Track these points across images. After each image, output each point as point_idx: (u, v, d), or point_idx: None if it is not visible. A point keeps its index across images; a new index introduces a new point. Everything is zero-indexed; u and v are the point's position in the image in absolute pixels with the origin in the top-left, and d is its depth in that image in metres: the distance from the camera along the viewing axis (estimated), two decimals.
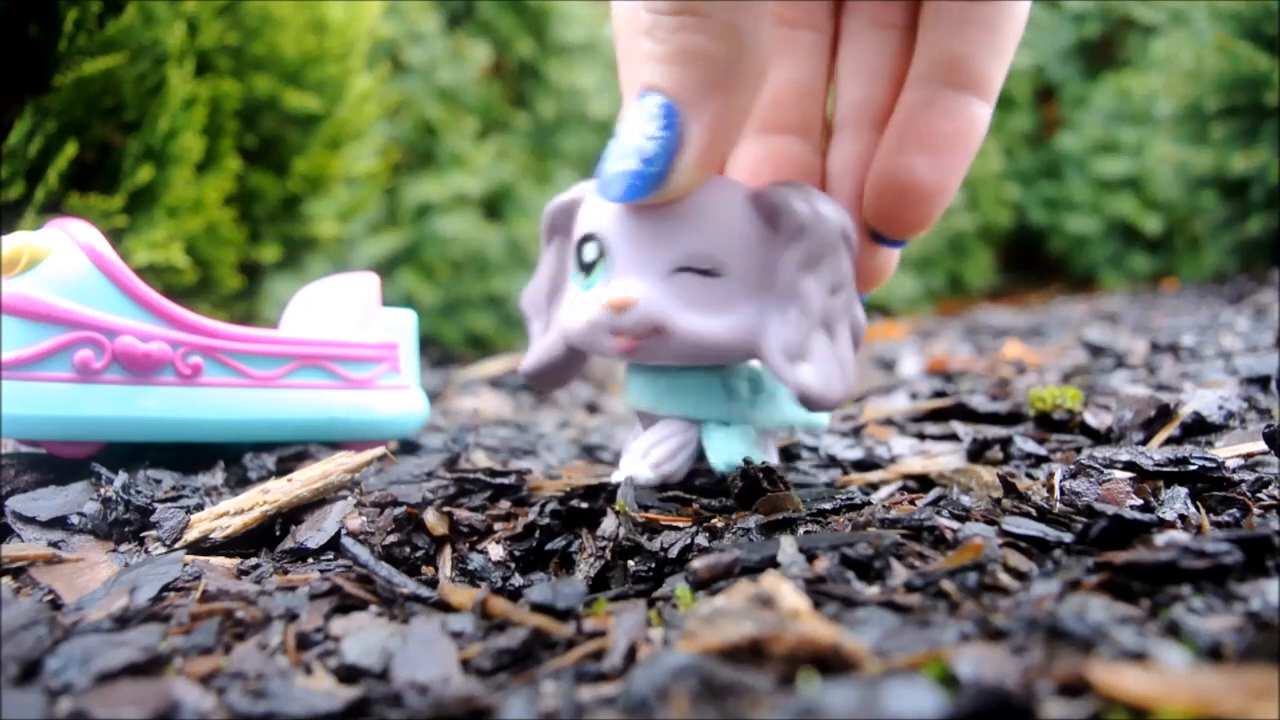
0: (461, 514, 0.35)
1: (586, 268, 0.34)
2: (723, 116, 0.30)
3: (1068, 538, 0.27)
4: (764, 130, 0.37)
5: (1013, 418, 0.50)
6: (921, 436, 0.49)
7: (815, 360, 0.32)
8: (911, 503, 0.35)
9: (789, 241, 0.32)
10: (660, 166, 0.30)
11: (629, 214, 0.33)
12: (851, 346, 0.35)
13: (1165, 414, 0.42)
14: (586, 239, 0.34)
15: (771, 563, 0.27)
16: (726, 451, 0.37)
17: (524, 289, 0.41)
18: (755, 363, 0.38)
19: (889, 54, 0.35)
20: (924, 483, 0.39)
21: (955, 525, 0.30)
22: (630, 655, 0.22)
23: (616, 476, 0.38)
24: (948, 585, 0.24)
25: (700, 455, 0.38)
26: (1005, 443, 0.43)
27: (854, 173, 0.36)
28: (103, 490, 0.34)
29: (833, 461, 0.45)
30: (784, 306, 0.33)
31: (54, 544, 0.31)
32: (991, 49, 0.33)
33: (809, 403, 0.32)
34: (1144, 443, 0.41)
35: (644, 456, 0.37)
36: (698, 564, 0.27)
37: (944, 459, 0.43)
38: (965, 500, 0.34)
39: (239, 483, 0.39)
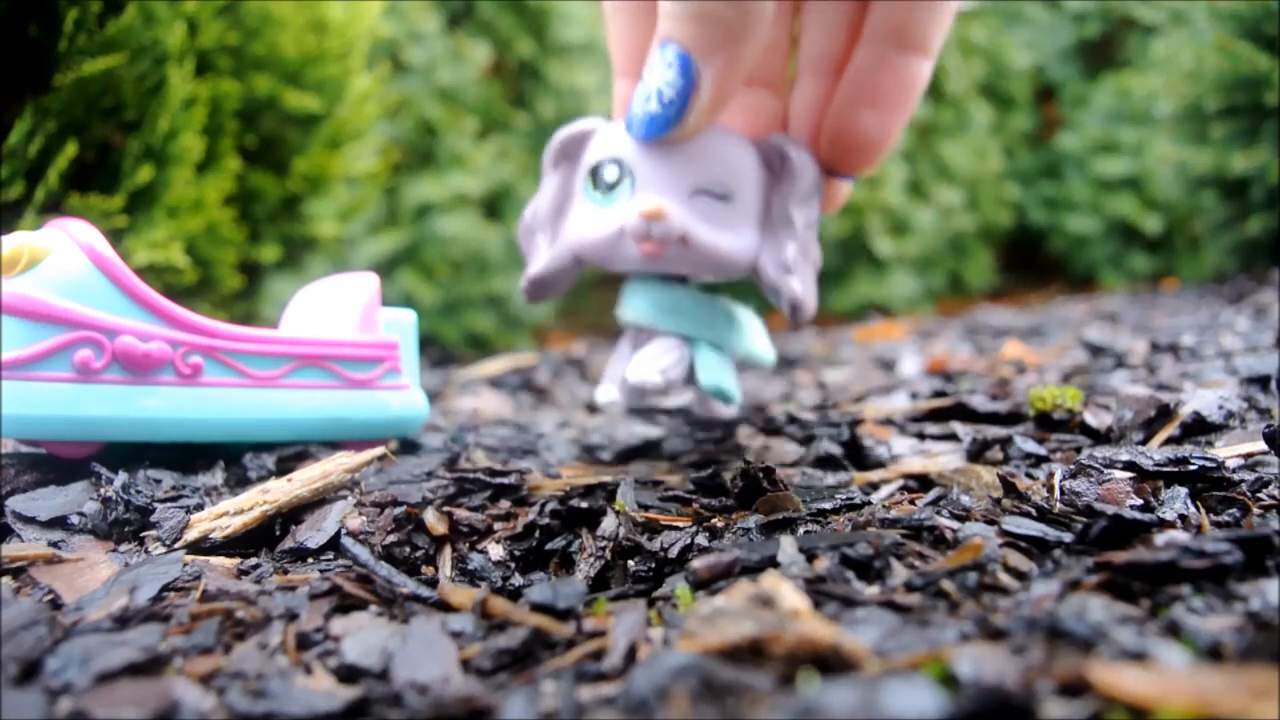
0: (461, 514, 0.35)
1: (608, 186, 0.40)
2: (730, 67, 0.35)
3: (1068, 538, 0.27)
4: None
5: (1013, 418, 0.50)
6: (921, 436, 0.49)
7: (800, 276, 0.40)
8: (911, 503, 0.35)
9: (784, 181, 0.40)
10: (677, 108, 0.36)
11: (653, 145, 0.39)
12: (813, 273, 0.43)
13: (1165, 414, 0.42)
14: (610, 162, 0.40)
15: (771, 563, 0.27)
16: (717, 373, 0.43)
17: (527, 210, 0.45)
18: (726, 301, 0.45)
19: (844, 10, 0.41)
20: (924, 483, 0.39)
21: (955, 525, 0.30)
22: (630, 655, 0.22)
23: (602, 394, 0.44)
24: (948, 585, 0.24)
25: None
26: (1005, 443, 0.43)
27: (812, 115, 0.43)
28: (103, 490, 0.34)
29: (833, 461, 0.45)
30: (776, 232, 0.40)
31: (54, 544, 0.31)
32: (932, 15, 0.39)
33: (795, 307, 0.40)
34: (1144, 443, 0.41)
35: (651, 364, 0.41)
36: (698, 564, 0.27)
37: (944, 459, 0.43)
38: (965, 500, 0.34)
39: (239, 483, 0.39)
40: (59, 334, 0.35)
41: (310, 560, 0.31)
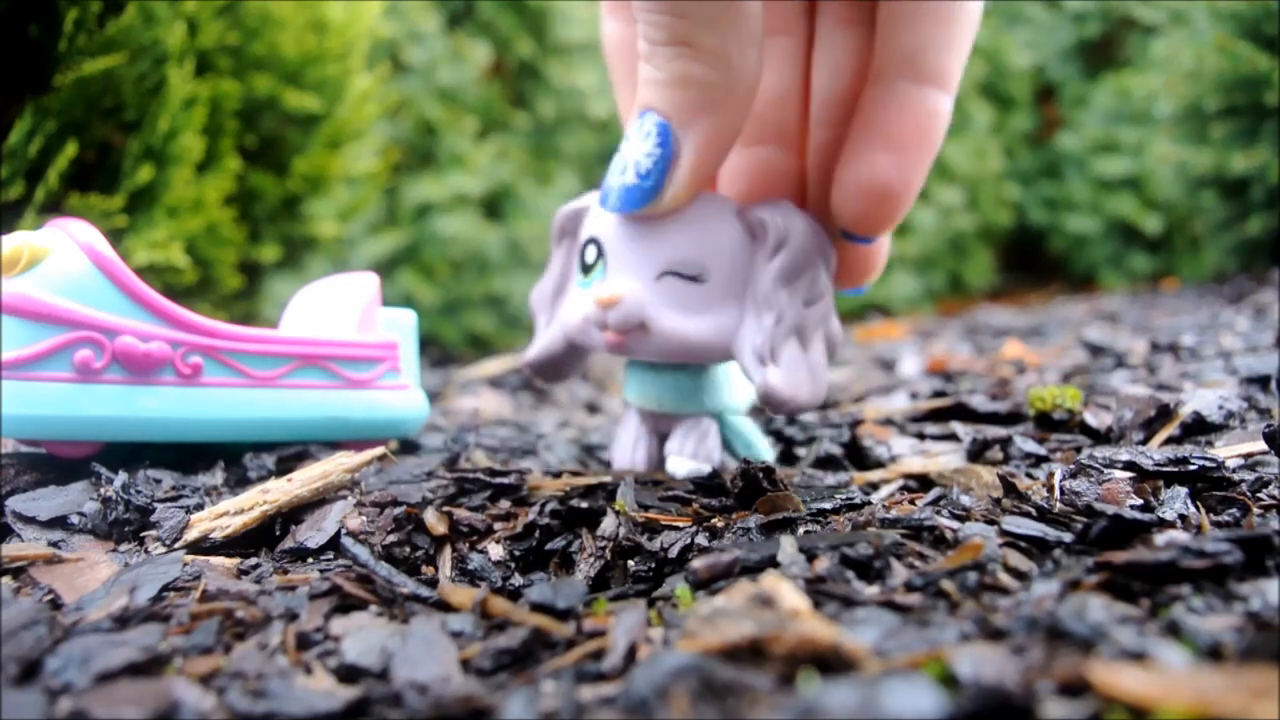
0: (461, 514, 0.35)
1: (587, 269, 0.38)
2: (712, 135, 0.33)
3: (1068, 538, 0.27)
4: (743, 142, 0.39)
5: (1013, 418, 0.50)
6: (921, 436, 0.49)
7: (783, 365, 0.36)
8: (911, 503, 0.35)
9: (770, 255, 0.36)
10: (654, 180, 0.33)
11: (627, 221, 0.36)
12: (825, 355, 0.39)
13: (1165, 414, 0.42)
14: (589, 242, 0.38)
15: (771, 562, 0.27)
16: (750, 444, 0.41)
17: (533, 288, 0.44)
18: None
19: (856, 50, 0.37)
20: (924, 483, 0.39)
21: (955, 525, 0.30)
22: (630, 655, 0.22)
23: (674, 467, 0.40)
24: (948, 585, 0.24)
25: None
26: (1005, 443, 0.43)
27: (826, 171, 0.38)
28: (103, 490, 0.34)
29: (834, 461, 0.45)
30: (760, 313, 0.36)
31: (54, 544, 0.31)
32: (946, 41, 0.34)
33: (772, 403, 0.36)
34: (1144, 442, 0.41)
35: (694, 456, 0.40)
36: (698, 564, 0.27)
37: (944, 459, 0.43)
38: (965, 500, 0.34)
39: (239, 483, 0.39)
40: (59, 334, 0.35)
41: (310, 560, 0.31)
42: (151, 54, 0.66)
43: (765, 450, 0.43)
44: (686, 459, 0.39)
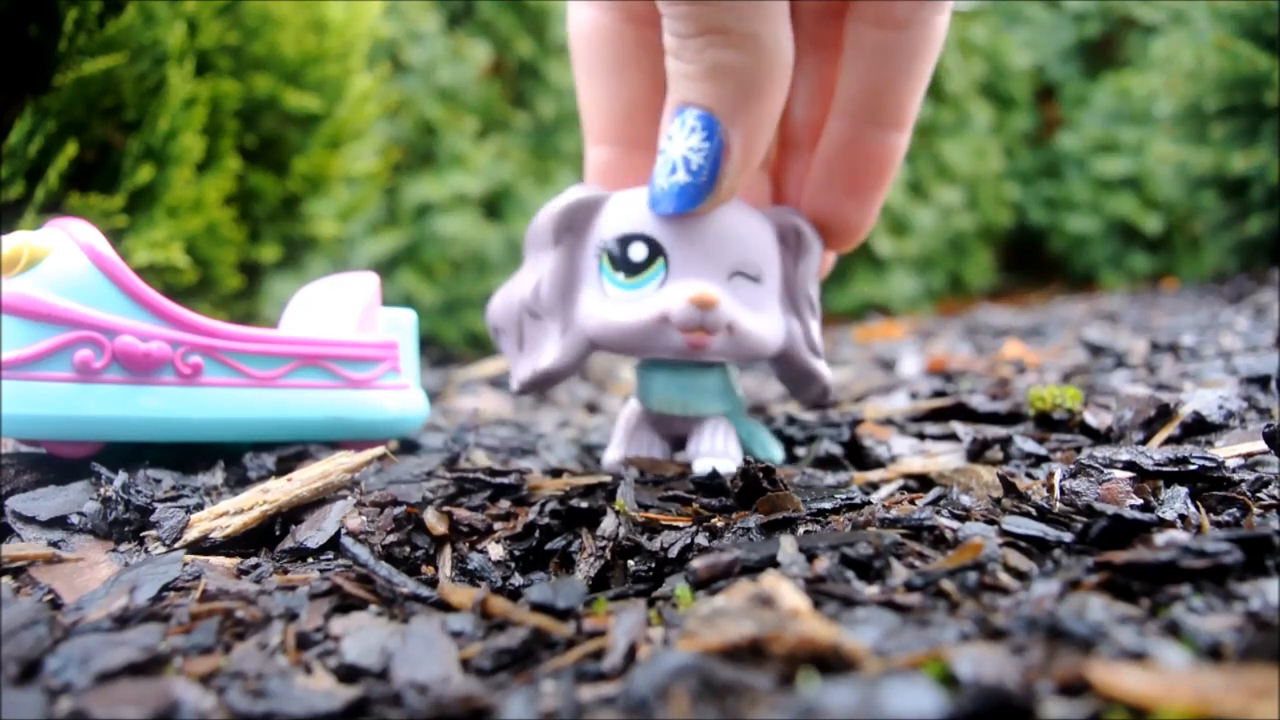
0: (461, 514, 0.35)
1: (636, 268, 0.36)
2: (758, 121, 0.33)
3: (1068, 537, 0.27)
4: None
5: (1013, 417, 0.50)
6: (921, 436, 0.49)
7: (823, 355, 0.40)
8: (911, 502, 0.35)
9: (801, 258, 0.38)
10: (709, 176, 0.33)
11: (684, 222, 0.36)
12: None
13: (1165, 414, 0.42)
14: (632, 240, 0.36)
15: (771, 562, 0.27)
16: (763, 445, 0.42)
17: (501, 295, 0.41)
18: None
19: (827, 75, 0.38)
20: (924, 482, 0.39)
21: (955, 525, 0.30)
22: (630, 655, 0.22)
23: (702, 466, 0.40)
24: (948, 585, 0.24)
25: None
26: (1005, 442, 0.43)
27: (798, 191, 0.41)
28: (103, 490, 0.34)
29: (834, 461, 0.45)
30: (801, 312, 0.39)
31: (54, 544, 0.31)
32: (910, 76, 0.35)
33: (829, 393, 0.40)
34: (1144, 442, 0.41)
35: (725, 454, 0.40)
36: (698, 564, 0.27)
37: (944, 459, 0.43)
38: (965, 500, 0.34)
39: (239, 483, 0.39)
40: (59, 334, 0.35)
41: (310, 560, 0.31)
42: (151, 54, 0.66)
43: (777, 449, 0.43)
44: (718, 457, 0.39)
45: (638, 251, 0.36)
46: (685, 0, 0.31)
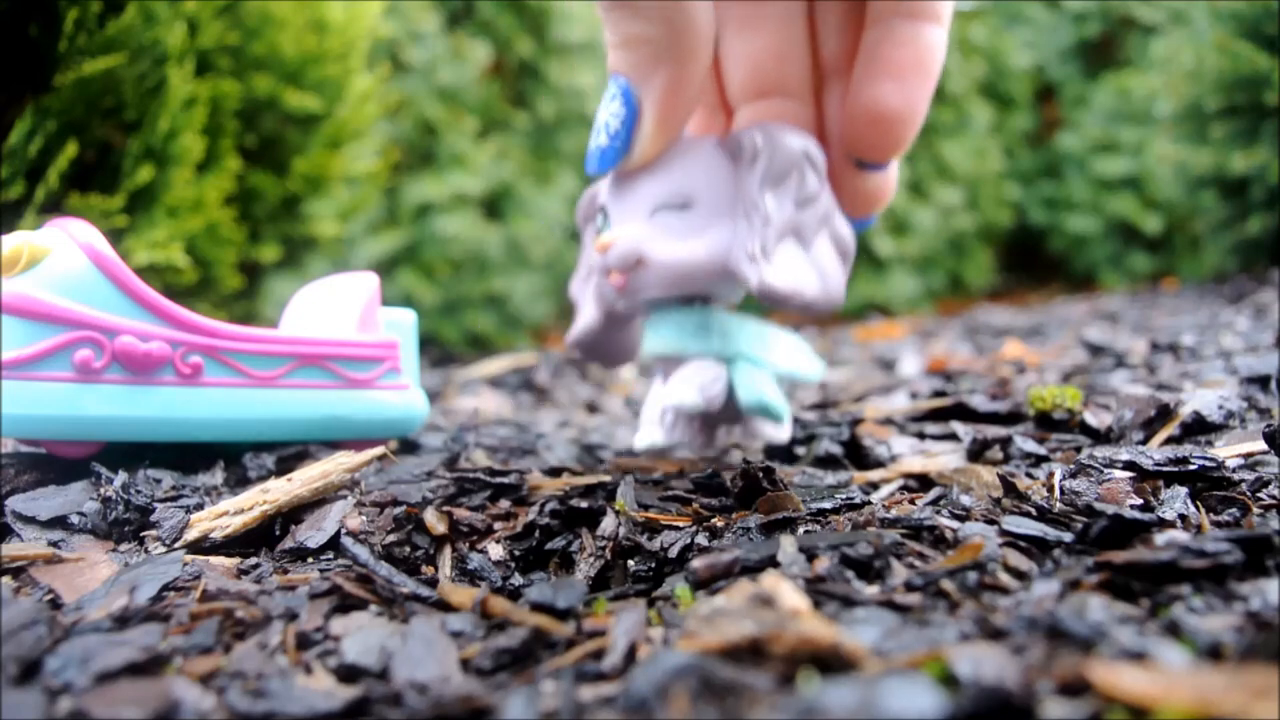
0: (461, 513, 0.35)
1: (598, 234, 0.39)
2: (668, 88, 0.35)
3: (1068, 537, 0.27)
4: (751, 96, 0.41)
5: (1013, 417, 0.50)
6: (921, 436, 0.49)
7: (779, 263, 0.37)
8: (911, 502, 0.35)
9: (748, 167, 0.37)
10: (623, 139, 0.36)
11: (618, 179, 0.38)
12: (834, 255, 0.40)
13: (1165, 414, 0.42)
14: (600, 207, 0.40)
15: (771, 562, 0.27)
16: (757, 389, 0.40)
17: (570, 281, 0.46)
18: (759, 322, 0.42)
19: (852, 7, 0.39)
20: (924, 482, 0.39)
21: (955, 525, 0.30)
22: (630, 655, 0.22)
23: (641, 438, 0.42)
24: (948, 585, 0.24)
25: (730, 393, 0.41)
26: (1005, 442, 0.43)
27: (841, 116, 0.40)
28: (103, 490, 0.34)
29: (834, 461, 0.45)
30: (749, 219, 0.37)
31: (54, 544, 0.31)
32: None
33: (772, 298, 0.36)
34: (1144, 442, 0.41)
35: (686, 382, 0.39)
36: (698, 564, 0.27)
37: (944, 459, 0.43)
38: (965, 500, 0.34)
39: (239, 482, 0.39)
40: (59, 334, 0.35)
41: (310, 560, 0.31)
42: (151, 54, 0.66)
43: (776, 403, 0.41)
44: (680, 386, 0.39)
45: (599, 220, 0.39)
46: None
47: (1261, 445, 0.36)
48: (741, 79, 0.40)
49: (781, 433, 0.46)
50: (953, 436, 0.48)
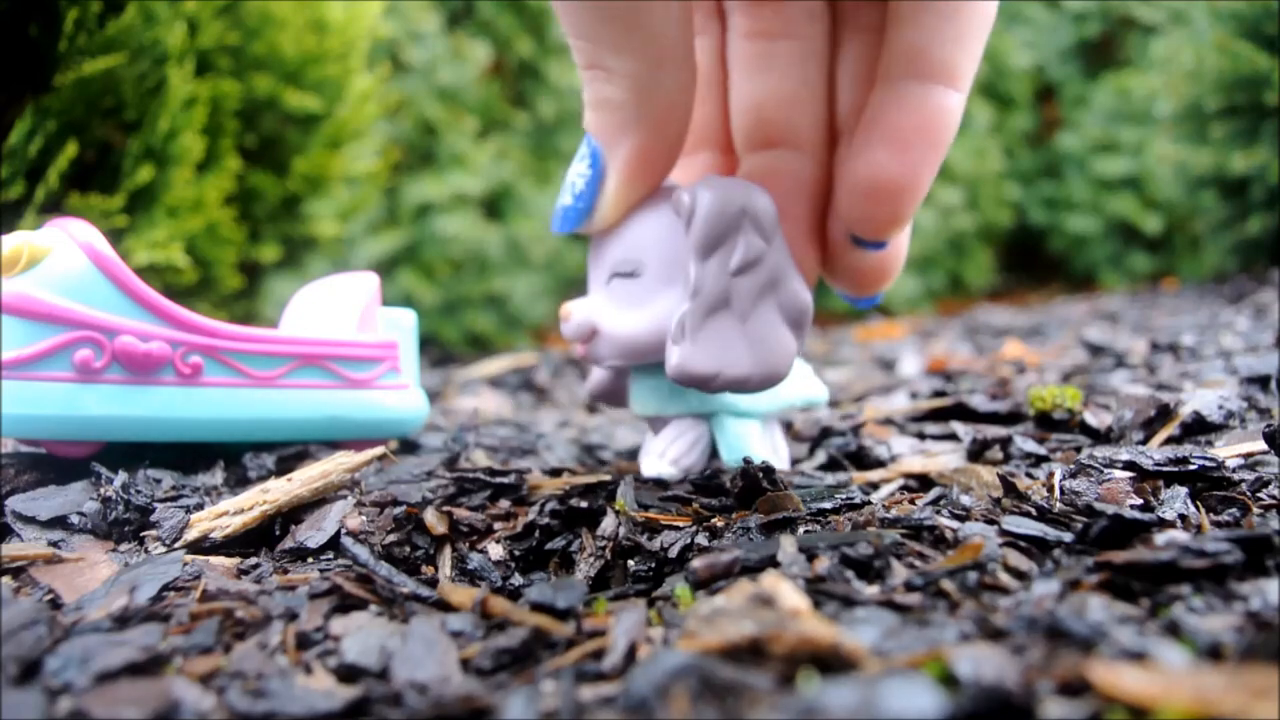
0: (461, 513, 0.35)
1: None
2: (634, 156, 0.34)
3: (1068, 537, 0.27)
4: (756, 145, 0.38)
5: (1013, 417, 0.50)
6: (921, 436, 0.49)
7: (702, 339, 0.33)
8: (911, 502, 0.35)
9: (687, 230, 0.34)
10: (586, 201, 0.35)
11: (594, 237, 0.38)
12: (780, 324, 0.35)
13: (1165, 414, 0.42)
14: None
15: (771, 562, 0.27)
16: (736, 446, 0.39)
17: None
18: None
19: (871, 59, 0.36)
20: (924, 482, 0.39)
21: (955, 525, 0.30)
22: (630, 655, 0.22)
23: (649, 470, 0.40)
24: (948, 585, 0.24)
25: (714, 451, 0.40)
26: (1005, 442, 0.43)
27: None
28: (103, 490, 0.34)
29: (834, 461, 0.45)
30: (685, 291, 0.34)
31: (54, 544, 0.31)
32: (952, 36, 0.32)
33: (690, 380, 0.33)
34: (1144, 442, 0.41)
35: (661, 456, 0.39)
36: (698, 563, 0.27)
37: (944, 459, 0.43)
38: (965, 500, 0.34)
39: (239, 482, 0.39)
40: (59, 334, 0.35)
41: (310, 560, 0.31)
42: (151, 54, 0.66)
43: (760, 459, 0.39)
44: (654, 459, 0.39)
45: None
46: (574, 36, 0.32)
47: (1261, 445, 0.36)
48: (747, 125, 0.37)
49: (782, 464, 0.44)
50: (953, 436, 0.48)
